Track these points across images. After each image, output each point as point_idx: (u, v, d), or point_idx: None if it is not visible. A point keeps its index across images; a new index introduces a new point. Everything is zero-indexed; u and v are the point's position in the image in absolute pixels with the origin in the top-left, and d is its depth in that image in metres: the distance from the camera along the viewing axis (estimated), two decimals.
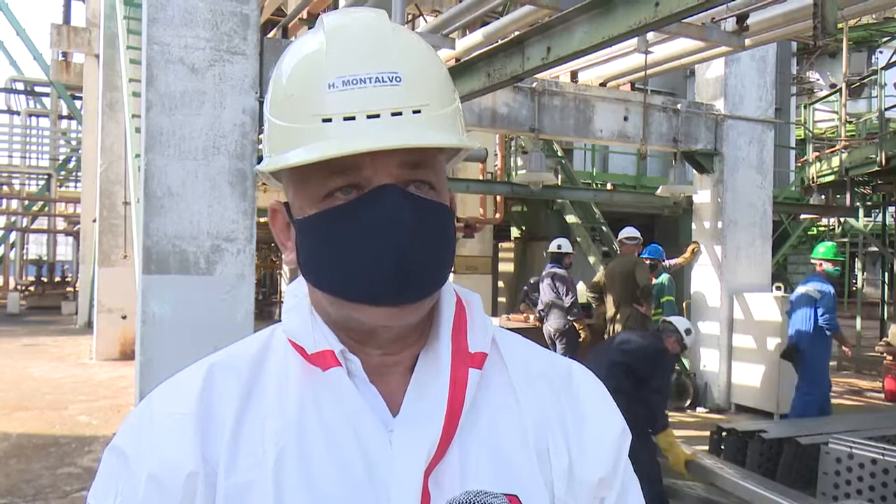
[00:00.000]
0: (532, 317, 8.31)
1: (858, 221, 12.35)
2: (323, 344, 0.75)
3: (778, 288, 8.16)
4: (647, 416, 4.57)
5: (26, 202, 24.02)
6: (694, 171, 8.42)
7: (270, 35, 7.51)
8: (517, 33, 4.84)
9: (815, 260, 6.64)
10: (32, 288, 22.35)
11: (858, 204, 11.99)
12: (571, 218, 10.93)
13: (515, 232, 13.07)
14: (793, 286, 12.79)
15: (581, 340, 7.53)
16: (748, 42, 6.03)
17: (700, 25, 5.67)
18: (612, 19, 3.76)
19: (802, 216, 12.66)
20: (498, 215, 12.43)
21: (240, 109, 5.39)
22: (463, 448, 0.74)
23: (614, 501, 0.81)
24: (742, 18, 5.68)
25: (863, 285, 14.22)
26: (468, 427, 0.75)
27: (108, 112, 11.68)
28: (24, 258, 25.23)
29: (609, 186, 12.08)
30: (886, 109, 10.82)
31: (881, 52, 18.09)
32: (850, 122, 12.52)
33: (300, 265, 0.77)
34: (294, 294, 0.81)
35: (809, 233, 14.16)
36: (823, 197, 11.89)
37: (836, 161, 10.86)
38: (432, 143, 0.69)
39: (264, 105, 0.77)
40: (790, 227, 12.70)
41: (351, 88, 0.68)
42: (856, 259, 14.77)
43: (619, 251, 7.90)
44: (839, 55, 14.92)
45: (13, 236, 25.56)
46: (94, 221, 12.65)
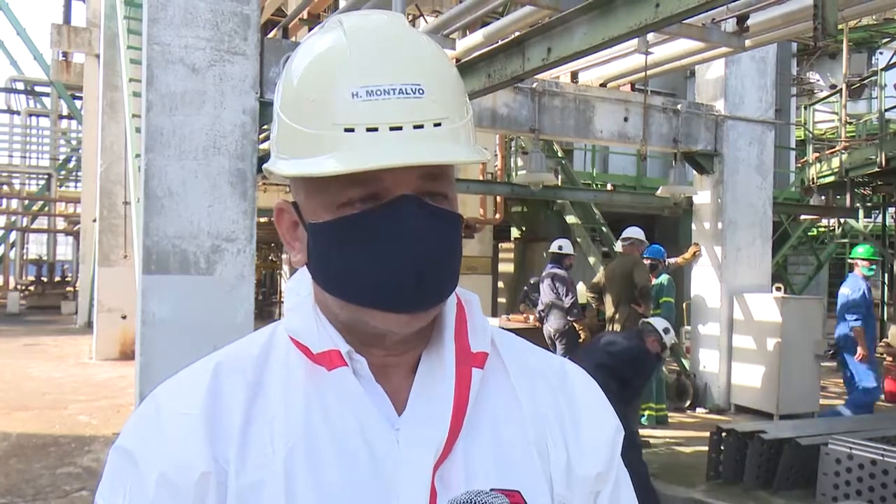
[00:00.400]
0: (532, 317, 8.31)
1: (858, 222, 12.36)
2: (328, 344, 0.76)
3: (778, 289, 8.16)
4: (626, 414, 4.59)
5: (26, 202, 24.02)
6: (694, 172, 8.42)
7: (271, 35, 7.50)
8: (517, 34, 4.84)
9: (852, 260, 7.03)
10: (32, 288, 22.35)
11: (858, 205, 11.99)
12: (571, 218, 10.93)
13: (515, 232, 13.08)
14: (792, 287, 12.84)
15: (581, 341, 7.53)
16: (748, 43, 6.03)
17: (700, 26, 5.68)
18: (613, 20, 3.77)
19: (802, 217, 12.67)
20: (498, 216, 12.44)
21: (240, 110, 5.39)
22: (467, 446, 0.75)
23: (609, 496, 0.83)
24: (742, 19, 5.68)
25: None
26: (471, 425, 0.76)
27: (109, 112, 11.68)
28: (24, 258, 25.22)
29: (609, 187, 12.09)
30: (886, 110, 10.82)
31: (881, 53, 18.08)
32: (851, 123, 12.52)
33: (311, 268, 0.77)
34: (296, 293, 0.81)
35: (809, 234, 14.17)
36: (823, 198, 11.90)
37: (836, 162, 10.86)
38: (456, 160, 0.70)
39: (275, 102, 0.77)
40: (790, 228, 12.70)
41: (374, 99, 0.68)
42: None
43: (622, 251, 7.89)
44: (839, 56, 14.91)
45: (13, 236, 25.55)
46: (95, 221, 12.65)
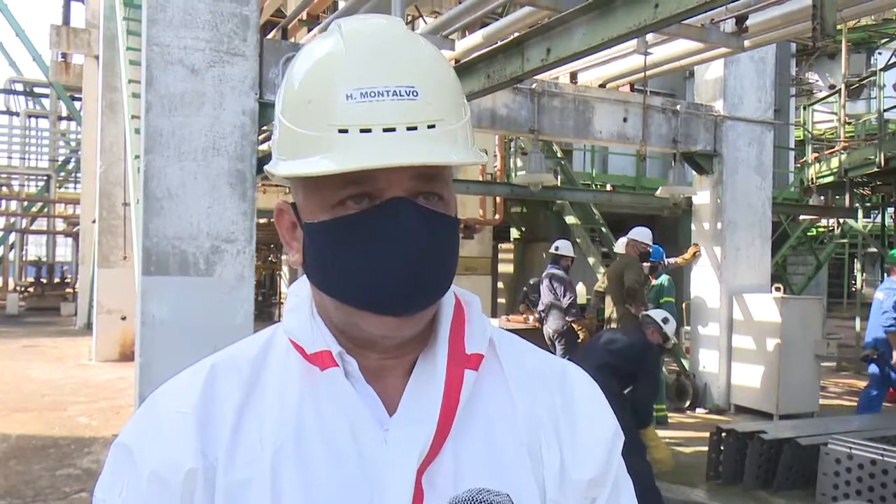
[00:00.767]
0: (532, 318, 8.31)
1: (857, 222, 12.36)
2: (321, 345, 0.77)
3: (777, 289, 8.16)
4: (639, 415, 4.56)
5: (26, 203, 24.01)
6: (693, 172, 8.42)
7: (270, 36, 7.50)
8: (517, 34, 4.84)
9: (888, 265, 7.16)
10: (32, 289, 22.35)
11: (857, 205, 11.99)
12: (571, 219, 10.93)
13: (515, 233, 13.08)
14: (792, 287, 12.85)
15: (580, 341, 7.53)
16: (747, 43, 6.04)
17: (699, 27, 5.68)
18: (612, 20, 3.77)
19: (802, 217, 12.67)
20: (497, 216, 12.44)
21: (239, 111, 5.39)
22: (457, 447, 0.76)
23: (606, 501, 0.82)
24: (741, 20, 5.69)
25: (862, 286, 14.21)
26: (463, 427, 0.76)
27: (108, 113, 11.67)
28: (24, 259, 25.22)
29: (608, 187, 12.10)
30: (885, 111, 10.83)
31: (880, 54, 18.10)
32: (850, 124, 12.53)
33: (306, 267, 0.78)
34: (296, 294, 0.82)
35: (809, 234, 14.17)
36: (823, 198, 11.89)
37: (836, 162, 10.87)
38: (448, 162, 0.70)
39: (276, 105, 0.77)
40: (789, 228, 12.70)
41: (368, 101, 0.68)
42: (855, 260, 14.78)
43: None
44: (838, 56, 14.93)
45: (12, 237, 25.55)
46: (94, 222, 12.64)
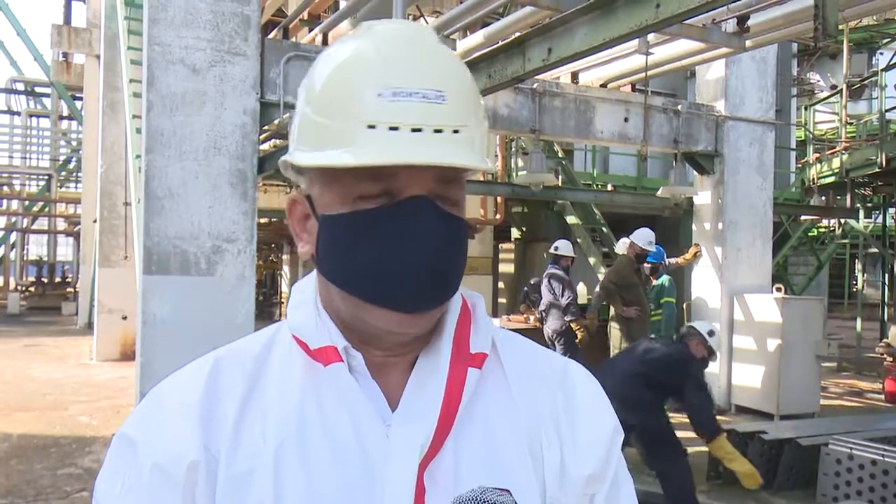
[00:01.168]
0: (532, 317, 8.31)
1: (859, 223, 12.35)
2: (326, 340, 0.77)
3: (778, 289, 8.16)
4: (700, 427, 4.48)
5: (27, 203, 24.03)
6: (694, 173, 8.42)
7: (271, 36, 7.50)
8: (518, 34, 4.84)
9: None
10: (33, 288, 22.36)
11: (859, 205, 11.98)
12: (572, 219, 10.93)
13: (516, 233, 13.08)
14: (793, 287, 12.84)
15: (578, 341, 7.52)
16: (749, 43, 6.03)
17: (701, 27, 5.68)
18: (614, 20, 3.77)
19: (803, 217, 12.66)
20: (498, 216, 12.44)
21: (241, 110, 5.39)
22: (458, 444, 0.76)
23: (605, 497, 0.83)
24: (743, 20, 5.68)
25: (863, 287, 14.22)
26: (464, 424, 0.77)
27: (109, 113, 11.68)
28: (25, 259, 25.25)
29: (609, 188, 12.08)
30: (887, 111, 10.81)
31: (882, 54, 18.08)
32: (851, 124, 12.52)
33: (318, 259, 0.79)
34: (300, 291, 0.83)
35: (810, 234, 14.16)
36: (824, 198, 11.88)
37: (837, 162, 10.86)
38: (475, 166, 0.72)
39: (299, 95, 0.79)
40: (790, 229, 12.69)
41: (399, 100, 0.70)
42: (856, 260, 14.77)
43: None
44: (840, 56, 14.92)
45: (13, 237, 25.57)
46: (95, 222, 12.65)
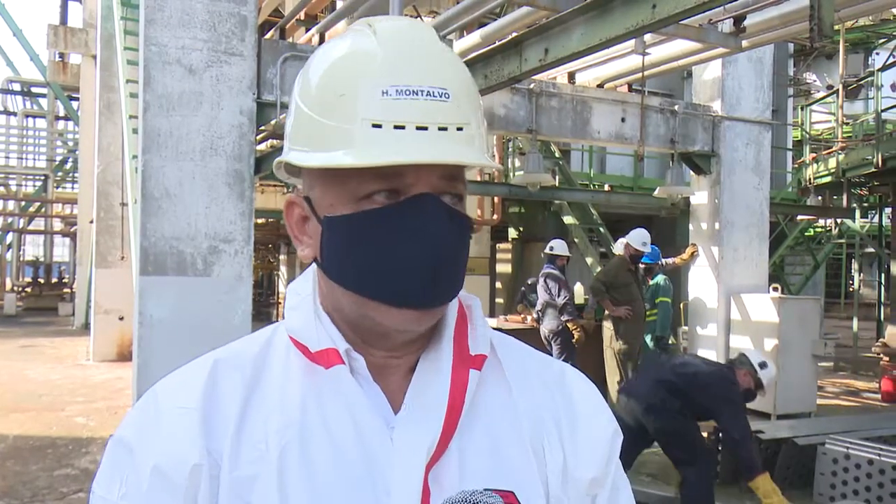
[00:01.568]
0: (529, 318, 8.31)
1: (855, 223, 12.38)
2: (327, 342, 0.77)
3: (775, 289, 8.17)
4: (738, 463, 4.29)
5: (23, 203, 23.97)
6: (691, 173, 8.43)
7: (268, 36, 7.50)
8: (515, 35, 4.84)
9: None
10: (29, 289, 22.33)
11: (855, 205, 12.00)
12: (569, 219, 10.93)
13: (513, 233, 13.08)
14: (790, 287, 12.87)
15: (575, 341, 7.52)
16: (745, 44, 6.04)
17: (697, 27, 5.68)
18: (610, 21, 3.77)
19: (799, 217, 12.68)
20: (496, 216, 12.45)
21: (237, 111, 5.39)
22: (462, 446, 0.76)
23: (606, 500, 0.83)
24: (739, 20, 5.69)
25: (859, 286, 14.25)
26: (467, 426, 0.77)
27: (106, 113, 11.66)
28: (21, 259, 25.19)
29: (606, 188, 12.10)
30: (883, 111, 10.83)
31: (878, 54, 18.11)
32: (847, 124, 12.53)
33: (323, 261, 0.78)
34: (297, 293, 0.82)
35: (806, 234, 14.18)
36: (820, 198, 11.90)
37: (833, 162, 10.87)
38: (481, 163, 0.72)
39: (294, 93, 0.78)
40: (787, 229, 12.71)
41: (403, 98, 0.70)
42: (852, 260, 14.80)
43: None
44: (836, 57, 14.96)
45: (10, 237, 25.49)
46: (91, 222, 12.63)
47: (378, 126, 0.69)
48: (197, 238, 5.25)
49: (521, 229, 12.77)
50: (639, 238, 7.27)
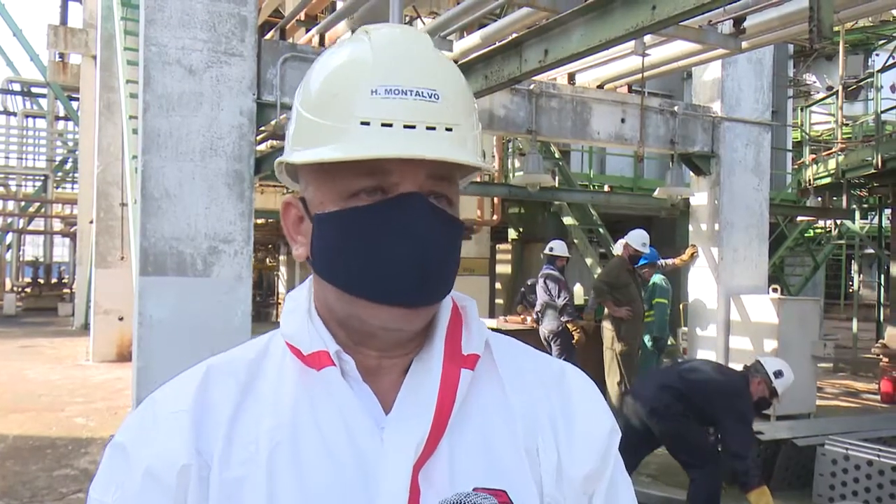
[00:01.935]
0: (529, 318, 8.32)
1: (855, 224, 12.38)
2: (318, 344, 0.77)
3: (774, 290, 8.17)
4: (733, 471, 4.17)
5: (23, 203, 23.97)
6: (691, 174, 8.43)
7: (268, 37, 7.49)
8: (515, 35, 4.85)
9: None
10: (29, 289, 22.33)
11: (855, 206, 12.01)
12: (569, 220, 10.94)
13: (513, 233, 13.09)
14: (789, 288, 12.87)
15: (575, 342, 7.52)
16: (745, 45, 6.04)
17: (697, 28, 5.69)
18: (610, 22, 3.77)
19: (799, 218, 12.68)
20: (495, 217, 12.46)
21: (237, 111, 5.39)
22: (453, 445, 0.76)
23: (604, 497, 0.82)
24: (739, 21, 5.69)
25: (859, 287, 14.25)
26: (459, 425, 0.77)
27: (106, 113, 11.66)
28: (21, 259, 25.19)
29: (606, 188, 12.11)
30: (883, 112, 10.83)
31: (877, 55, 18.11)
32: (847, 125, 12.54)
33: (313, 259, 0.79)
34: (294, 299, 0.83)
35: (806, 235, 14.19)
36: (820, 199, 11.90)
37: (833, 163, 10.88)
38: (465, 161, 0.73)
39: (295, 99, 0.80)
40: (787, 230, 12.72)
41: (393, 98, 0.71)
42: (852, 261, 14.80)
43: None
44: (836, 58, 14.96)
45: (10, 237, 25.49)
46: (91, 223, 12.63)
47: (366, 123, 0.71)
48: (197, 238, 5.25)
49: (521, 230, 12.78)
50: (638, 239, 7.28)
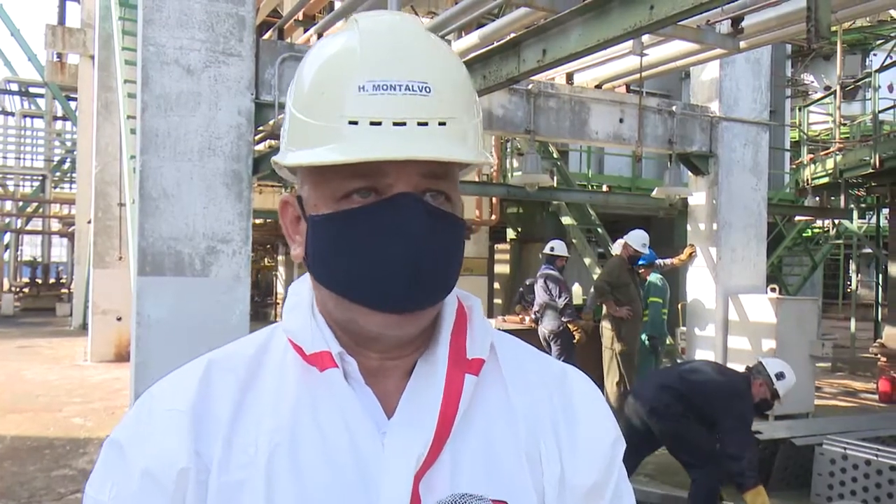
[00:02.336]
0: (528, 318, 8.32)
1: (853, 223, 12.39)
2: (321, 345, 0.76)
3: (773, 289, 8.18)
4: (730, 473, 4.14)
5: (21, 203, 23.97)
6: (689, 173, 8.44)
7: (266, 37, 7.49)
8: (513, 35, 4.85)
9: None
10: (27, 289, 22.29)
11: (853, 206, 12.02)
12: (567, 219, 10.94)
13: (511, 233, 13.09)
14: (787, 288, 12.88)
15: (576, 342, 7.53)
16: (743, 45, 6.05)
17: (695, 28, 5.69)
18: (608, 22, 3.77)
19: (797, 218, 12.69)
20: (494, 217, 12.45)
21: (235, 111, 5.38)
22: (455, 453, 0.74)
23: None
24: (737, 21, 5.70)
25: (857, 287, 14.26)
26: (461, 432, 0.75)
27: (104, 113, 11.64)
28: (19, 260, 25.17)
29: (604, 188, 12.11)
30: (880, 112, 10.84)
31: (875, 55, 18.13)
32: (845, 125, 12.55)
33: (308, 260, 0.77)
34: (296, 293, 0.81)
35: (804, 235, 14.20)
36: (818, 199, 11.91)
37: (831, 163, 10.88)
38: (458, 158, 0.70)
39: (287, 97, 0.77)
40: (785, 229, 12.73)
41: (381, 94, 0.68)
42: (850, 261, 14.81)
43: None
44: (833, 57, 14.96)
45: (8, 238, 25.45)
46: (89, 223, 12.61)
47: (355, 123, 0.68)
48: (195, 238, 5.25)
49: (520, 230, 12.78)
50: (638, 239, 7.29)
